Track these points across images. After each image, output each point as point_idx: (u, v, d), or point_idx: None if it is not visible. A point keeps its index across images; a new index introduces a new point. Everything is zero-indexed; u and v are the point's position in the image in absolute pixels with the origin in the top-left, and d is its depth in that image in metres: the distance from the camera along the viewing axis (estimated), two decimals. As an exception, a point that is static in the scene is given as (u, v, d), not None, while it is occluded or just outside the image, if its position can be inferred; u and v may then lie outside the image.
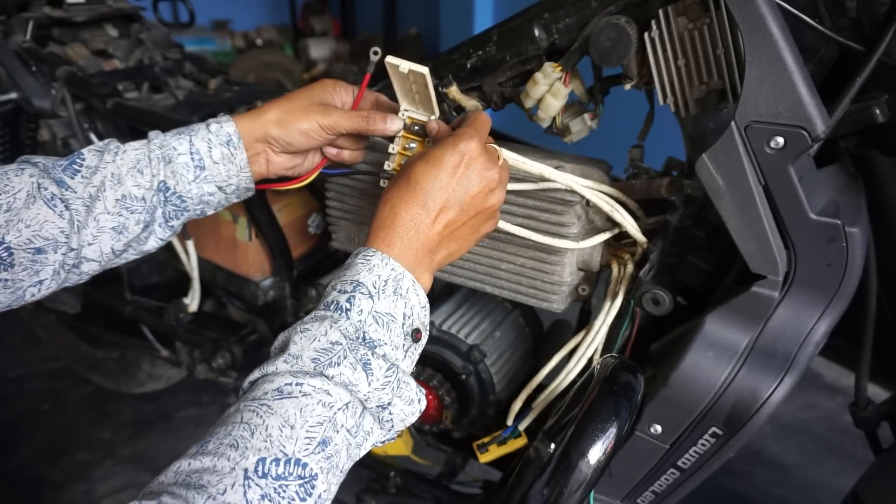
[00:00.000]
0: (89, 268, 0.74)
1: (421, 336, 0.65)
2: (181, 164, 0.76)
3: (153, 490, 0.48)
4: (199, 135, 0.77)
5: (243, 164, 0.79)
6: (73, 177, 0.71)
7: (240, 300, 1.32)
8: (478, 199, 0.69)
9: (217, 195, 0.80)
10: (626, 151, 0.90)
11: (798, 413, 1.93)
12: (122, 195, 0.73)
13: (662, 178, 0.84)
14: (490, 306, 1.13)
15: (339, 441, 0.55)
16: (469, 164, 0.67)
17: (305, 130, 0.77)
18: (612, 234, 0.86)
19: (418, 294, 0.64)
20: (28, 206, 0.67)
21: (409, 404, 0.60)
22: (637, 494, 0.88)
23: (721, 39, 0.67)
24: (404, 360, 0.63)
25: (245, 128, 0.78)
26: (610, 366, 0.76)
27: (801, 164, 0.67)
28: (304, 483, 0.51)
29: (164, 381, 1.94)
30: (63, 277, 0.72)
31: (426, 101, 0.76)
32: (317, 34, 5.36)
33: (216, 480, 0.48)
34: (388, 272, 0.62)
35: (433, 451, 1.20)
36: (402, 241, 0.64)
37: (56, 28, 1.46)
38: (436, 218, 0.66)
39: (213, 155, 0.77)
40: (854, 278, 0.71)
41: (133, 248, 0.78)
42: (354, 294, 0.60)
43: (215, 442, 0.51)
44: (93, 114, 1.33)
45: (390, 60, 0.73)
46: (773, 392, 0.72)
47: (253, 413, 0.52)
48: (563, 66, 0.79)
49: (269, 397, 0.54)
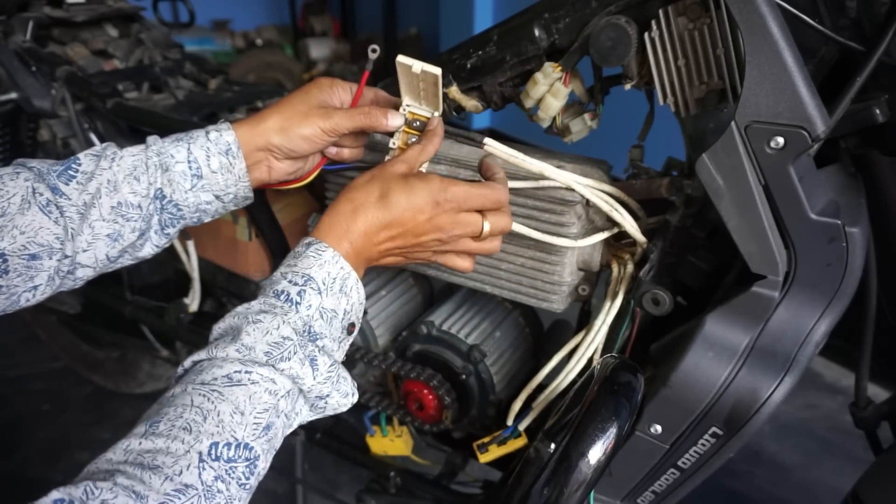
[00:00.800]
0: (84, 273, 0.74)
1: (354, 329, 0.69)
2: (178, 172, 0.75)
3: (103, 468, 0.50)
4: (197, 143, 0.76)
5: (242, 173, 0.78)
6: (67, 183, 0.70)
7: (240, 300, 1.32)
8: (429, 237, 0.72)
9: (214, 203, 0.79)
10: (626, 151, 0.90)
11: (798, 413, 1.93)
12: (118, 202, 0.72)
13: (662, 178, 0.84)
14: (490, 306, 1.13)
15: (279, 424, 0.59)
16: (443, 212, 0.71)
17: (308, 136, 0.77)
18: (611, 233, 0.86)
19: (359, 292, 0.68)
20: (23, 211, 0.66)
21: (345, 397, 0.65)
22: (637, 494, 0.88)
23: (721, 39, 0.67)
24: (338, 352, 0.67)
25: (245, 136, 0.77)
26: (610, 366, 0.76)
27: (801, 164, 0.67)
28: (250, 464, 0.54)
29: (165, 381, 1.94)
30: (58, 283, 0.72)
31: (432, 98, 0.77)
32: (317, 34, 5.36)
33: (171, 462, 0.50)
34: (336, 270, 0.65)
35: (433, 451, 1.20)
36: (352, 245, 0.68)
37: (56, 28, 1.46)
38: (389, 239, 0.70)
39: (210, 164, 0.76)
40: (854, 278, 0.71)
41: (128, 255, 0.77)
42: (305, 288, 0.63)
43: (167, 423, 0.53)
44: (93, 114, 1.33)
45: (402, 60, 0.73)
46: (774, 392, 0.72)
47: (204, 398, 0.55)
48: (564, 66, 0.79)
49: (219, 383, 0.56)
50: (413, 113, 0.79)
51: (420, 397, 1.05)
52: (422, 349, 1.06)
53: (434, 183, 0.70)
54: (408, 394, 1.06)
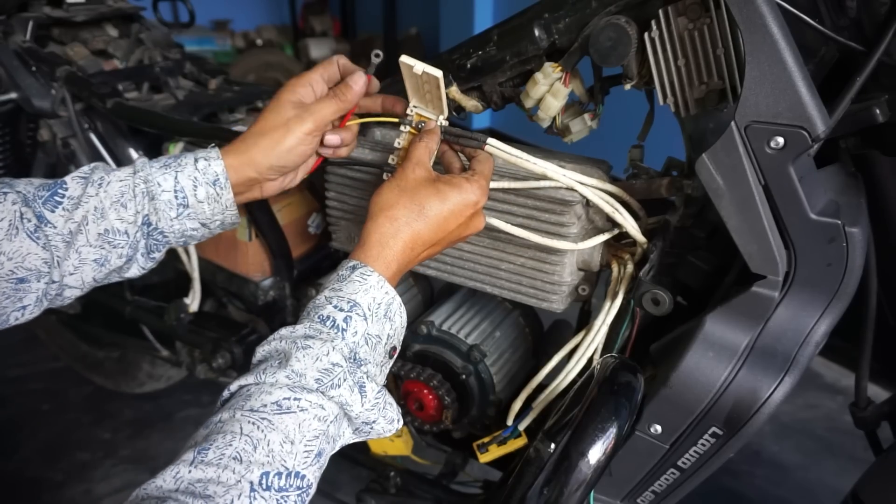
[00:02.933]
0: (71, 293, 0.74)
1: (395, 353, 0.69)
2: (164, 201, 0.73)
3: (153, 495, 0.49)
4: (185, 171, 0.74)
5: (229, 203, 0.76)
6: (53, 210, 0.70)
7: (240, 300, 1.32)
8: (461, 238, 0.75)
9: (200, 230, 0.78)
10: (626, 151, 0.90)
11: (798, 413, 1.93)
12: (105, 229, 0.72)
13: (662, 178, 0.84)
14: (490, 306, 1.13)
15: (328, 449, 0.59)
16: (476, 214, 0.74)
17: (293, 147, 0.76)
18: (611, 234, 0.86)
19: (402, 316, 0.68)
20: (10, 237, 0.66)
21: (390, 423, 0.65)
22: (637, 494, 0.88)
23: (721, 39, 0.67)
24: (380, 376, 0.67)
25: (234, 165, 0.75)
26: (610, 366, 0.76)
27: (801, 164, 0.67)
28: (302, 492, 0.54)
29: (165, 381, 1.94)
30: (46, 304, 0.72)
31: (436, 101, 0.77)
32: (317, 34, 5.36)
33: (223, 491, 0.50)
34: (381, 295, 0.66)
35: (433, 451, 1.20)
36: (397, 263, 0.68)
37: (56, 28, 1.46)
38: (429, 247, 0.72)
39: (197, 194, 0.74)
40: (854, 278, 0.71)
41: (115, 276, 0.77)
42: (351, 314, 0.63)
43: (215, 451, 0.52)
44: (93, 114, 1.33)
45: (405, 60, 0.73)
46: (774, 392, 0.72)
47: (253, 426, 0.54)
48: (564, 67, 0.79)
49: (268, 410, 0.56)
50: (420, 115, 0.79)
51: (420, 397, 1.05)
52: (422, 349, 1.06)
53: (463, 186, 0.72)
54: (408, 394, 1.06)
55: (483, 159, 0.78)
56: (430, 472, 1.19)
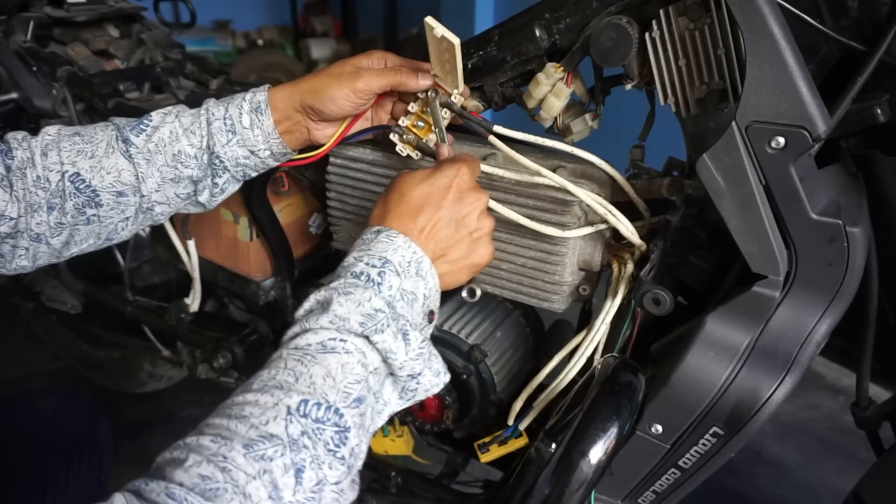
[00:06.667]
0: (162, 210, 0.85)
1: (434, 317, 0.69)
2: (217, 128, 0.82)
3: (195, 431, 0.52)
4: (234, 102, 0.83)
5: (270, 129, 0.82)
6: (138, 135, 0.81)
7: (241, 300, 1.32)
8: (470, 219, 0.71)
9: (252, 158, 0.84)
10: (627, 151, 0.90)
11: (799, 413, 1.93)
12: (178, 151, 0.81)
13: (663, 179, 0.84)
14: (491, 306, 1.13)
15: (370, 401, 0.58)
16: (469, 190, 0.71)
17: (337, 97, 0.79)
18: (606, 226, 0.86)
19: (434, 277, 0.68)
20: (108, 154, 0.79)
21: (437, 375, 0.64)
22: (638, 494, 0.88)
23: (722, 39, 0.67)
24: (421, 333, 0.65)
25: (283, 96, 0.82)
26: (611, 366, 0.76)
27: (802, 164, 0.67)
28: (339, 432, 0.54)
29: (165, 380, 1.94)
30: (141, 218, 0.84)
31: (454, 72, 0.77)
32: (318, 34, 5.36)
33: (259, 412, 0.51)
34: (410, 254, 0.66)
35: (434, 451, 1.20)
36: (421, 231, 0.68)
37: (57, 28, 1.46)
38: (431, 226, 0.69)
39: (242, 121, 0.82)
40: (855, 278, 0.71)
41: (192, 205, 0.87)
42: (384, 270, 0.63)
43: (259, 382, 0.54)
44: (94, 114, 1.33)
45: (430, 21, 0.74)
46: (774, 392, 0.72)
47: (297, 361, 0.56)
48: (566, 67, 0.79)
49: (313, 349, 0.57)
50: (439, 84, 0.80)
51: (421, 397, 1.05)
52: (423, 349, 1.06)
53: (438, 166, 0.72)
54: (409, 394, 1.06)
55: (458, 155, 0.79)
56: (431, 472, 1.19)
